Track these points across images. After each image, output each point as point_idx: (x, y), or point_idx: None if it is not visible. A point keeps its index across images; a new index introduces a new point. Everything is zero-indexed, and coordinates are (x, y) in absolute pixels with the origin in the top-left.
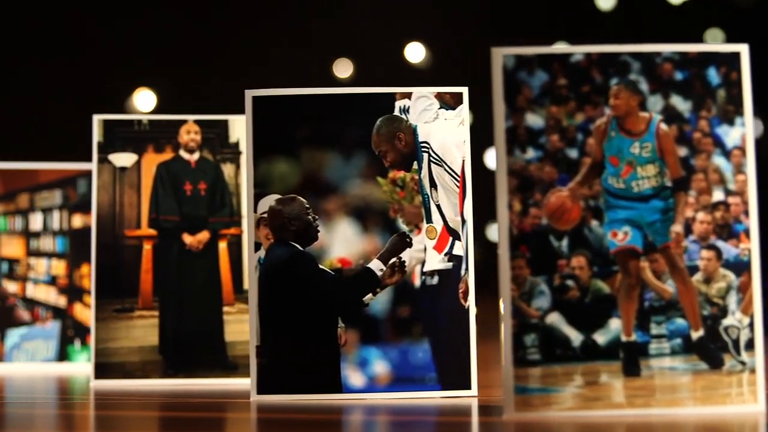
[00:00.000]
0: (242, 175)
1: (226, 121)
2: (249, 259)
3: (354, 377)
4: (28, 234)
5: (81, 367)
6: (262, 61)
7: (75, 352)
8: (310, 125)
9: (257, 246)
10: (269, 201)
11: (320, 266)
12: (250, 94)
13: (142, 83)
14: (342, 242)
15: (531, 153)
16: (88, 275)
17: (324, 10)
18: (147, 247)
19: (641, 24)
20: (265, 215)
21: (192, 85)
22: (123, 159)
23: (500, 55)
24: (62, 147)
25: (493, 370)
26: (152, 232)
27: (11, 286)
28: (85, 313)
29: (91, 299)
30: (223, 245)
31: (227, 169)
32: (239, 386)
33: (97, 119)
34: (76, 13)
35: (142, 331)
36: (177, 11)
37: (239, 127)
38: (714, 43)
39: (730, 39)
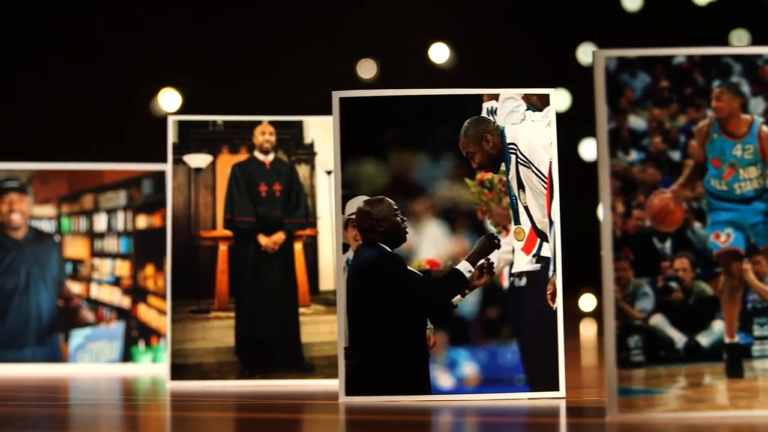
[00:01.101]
0: (317, 176)
1: (300, 122)
2: (337, 261)
3: (443, 378)
4: (92, 235)
5: (145, 368)
6: (286, 61)
7: (139, 353)
8: (398, 126)
9: (345, 247)
10: (357, 202)
11: (409, 267)
12: (337, 95)
13: (168, 83)
14: (430, 244)
15: (634, 155)
16: (152, 276)
17: (347, 10)
18: (222, 248)
19: (667, 24)
20: (353, 216)
21: (217, 85)
22: (198, 160)
23: (603, 57)
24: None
25: (576, 371)
26: (228, 233)
27: (76, 287)
28: (149, 314)
29: (167, 300)
30: (298, 246)
31: (302, 170)
32: (316, 387)
33: (172, 120)
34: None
35: (219, 332)
36: (201, 11)
37: (314, 128)
38: (739, 44)
39: (756, 40)
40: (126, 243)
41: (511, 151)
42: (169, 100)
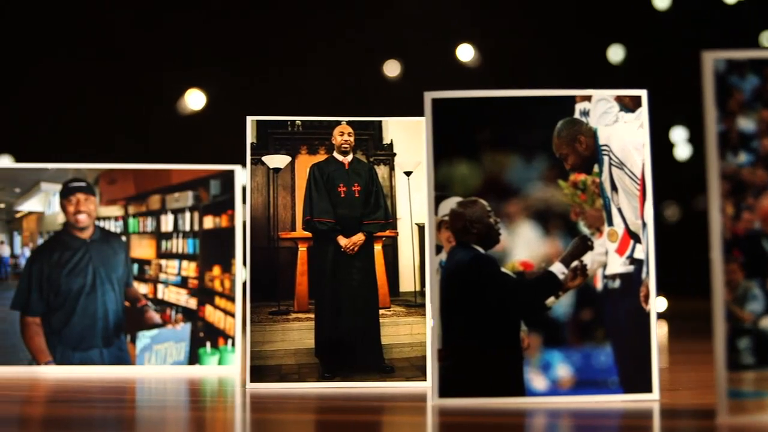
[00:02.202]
0: (396, 177)
1: (380, 122)
2: (430, 262)
3: (537, 380)
4: (159, 235)
5: (212, 369)
6: (310, 60)
7: (206, 354)
8: (491, 127)
9: (438, 249)
10: (451, 204)
11: (502, 269)
12: (429, 96)
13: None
14: (524, 245)
15: (743, 157)
16: (219, 277)
17: (373, 10)
18: (302, 249)
19: (696, 23)
20: (447, 218)
21: (242, 84)
22: (276, 160)
23: (711, 60)
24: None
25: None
26: (307, 234)
27: (142, 288)
28: (216, 315)
29: (246, 301)
30: (378, 247)
31: (381, 171)
32: (397, 389)
33: (250, 120)
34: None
35: (298, 333)
36: (228, 10)
37: (393, 129)
38: None
39: None
40: (193, 244)
41: (603, 152)
42: (194, 99)
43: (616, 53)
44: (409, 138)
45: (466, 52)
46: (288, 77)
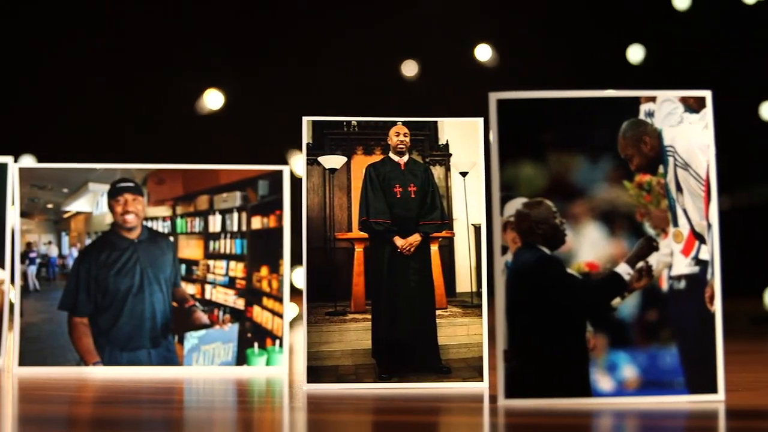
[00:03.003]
0: (452, 178)
1: (435, 123)
2: (495, 263)
3: (603, 381)
4: (207, 235)
5: (260, 370)
6: (327, 60)
7: (254, 355)
8: (556, 128)
9: (504, 249)
10: (516, 204)
11: (568, 270)
12: (494, 96)
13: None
14: (590, 246)
15: None
16: (267, 277)
17: (389, 8)
18: (358, 249)
19: (716, 24)
20: (512, 219)
21: (260, 84)
22: (332, 161)
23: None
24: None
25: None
26: (363, 234)
27: (190, 288)
28: (264, 316)
29: (303, 302)
30: (434, 248)
31: (437, 172)
32: (454, 390)
33: (306, 120)
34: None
35: (355, 334)
36: (247, 9)
37: (448, 129)
38: None
39: None
40: (240, 244)
41: (668, 153)
42: (213, 99)
43: (635, 53)
44: (464, 138)
45: (483, 52)
46: (302, 76)
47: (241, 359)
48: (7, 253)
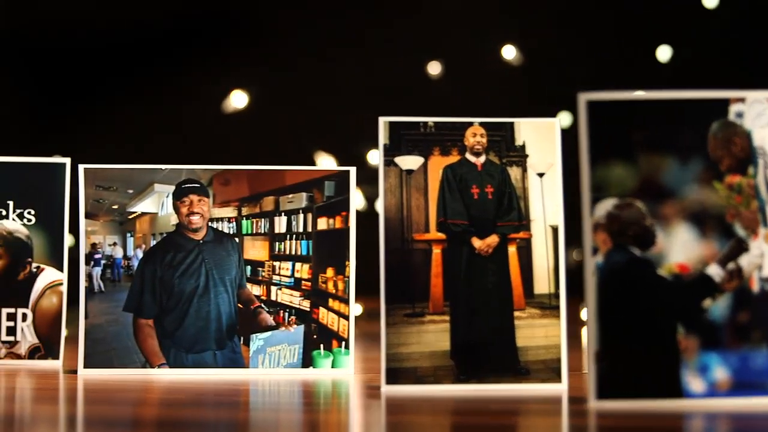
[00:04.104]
0: (529, 179)
1: (512, 124)
2: (586, 264)
3: (694, 383)
4: (272, 236)
5: (326, 372)
6: (350, 60)
7: (319, 356)
8: (646, 129)
9: (594, 251)
10: (606, 206)
11: (659, 271)
12: (584, 97)
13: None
14: (680, 247)
15: None
16: (332, 278)
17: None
18: (436, 250)
19: (745, 21)
20: (603, 220)
21: (282, 85)
22: (409, 162)
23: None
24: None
25: None
26: (441, 235)
27: (255, 290)
28: (330, 317)
29: (381, 303)
30: (512, 249)
31: (513, 173)
32: (533, 392)
33: (382, 121)
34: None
35: (434, 336)
36: (263, 9)
37: (525, 130)
38: None
39: None
40: (306, 245)
41: (758, 154)
42: (237, 99)
43: (663, 53)
44: (541, 139)
45: (508, 52)
46: (323, 75)
47: (307, 361)
48: (66, 254)
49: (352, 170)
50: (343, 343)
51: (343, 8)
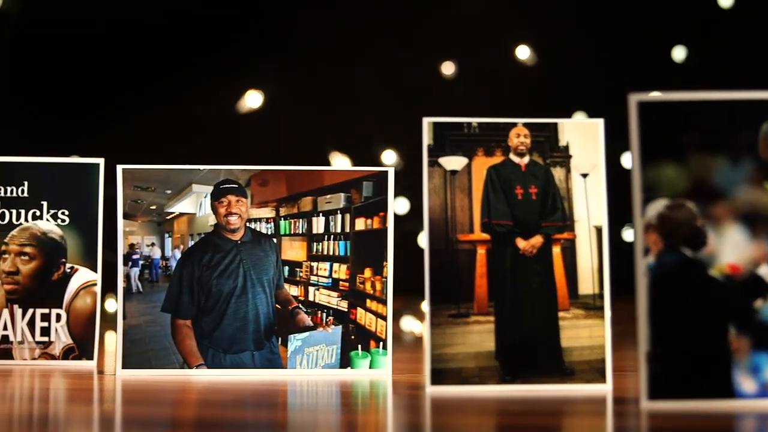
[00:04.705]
0: (572, 179)
1: (555, 125)
2: (638, 265)
3: (746, 383)
4: (310, 237)
5: (363, 372)
6: (364, 60)
7: (357, 357)
8: (698, 130)
9: (646, 252)
10: (657, 206)
11: (710, 272)
12: (634, 98)
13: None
14: (731, 248)
15: None
16: (370, 279)
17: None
18: (480, 251)
19: (761, 21)
20: (654, 221)
21: (295, 84)
22: (453, 162)
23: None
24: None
25: None
26: (485, 236)
27: (293, 290)
28: (367, 318)
29: (426, 304)
30: (556, 250)
31: (557, 173)
32: (578, 392)
33: (426, 122)
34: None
35: (479, 336)
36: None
37: (568, 131)
38: None
39: None
40: (344, 246)
41: None
42: (252, 99)
43: (679, 52)
44: (584, 140)
45: (522, 52)
46: (338, 75)
47: (345, 361)
48: (100, 255)
49: (390, 171)
50: (381, 343)
51: (359, 8)
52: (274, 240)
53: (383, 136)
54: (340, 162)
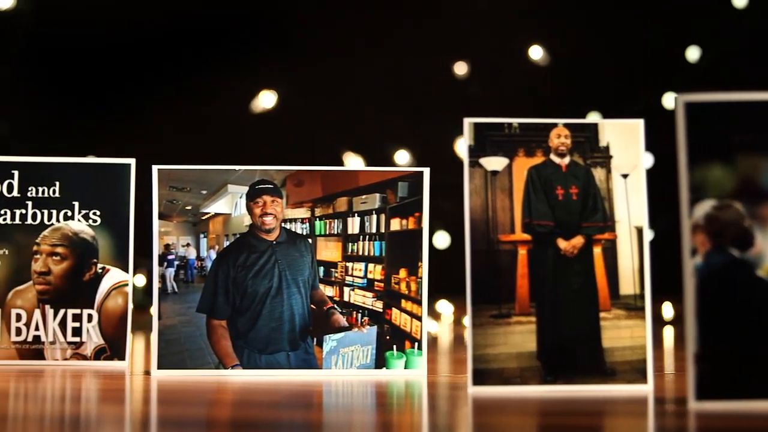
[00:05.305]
0: (613, 180)
1: (595, 125)
2: (685, 265)
3: None
4: (345, 237)
5: (399, 373)
6: (377, 60)
7: (392, 357)
8: (747, 130)
9: (693, 252)
10: (705, 207)
11: (757, 273)
12: (682, 99)
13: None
14: None
15: None
16: (405, 279)
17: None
18: (522, 251)
19: None
20: (701, 221)
21: (310, 84)
22: (494, 163)
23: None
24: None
25: None
26: (527, 236)
27: (328, 291)
28: (402, 318)
29: (467, 305)
30: (597, 250)
31: (598, 174)
32: (619, 393)
33: (467, 122)
34: None
35: (520, 337)
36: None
37: (609, 131)
38: None
39: None
40: (379, 246)
41: None
42: (266, 99)
43: (692, 52)
44: (625, 140)
45: (535, 52)
46: (351, 75)
47: (380, 362)
48: (132, 255)
49: (426, 171)
50: (416, 344)
51: (371, 8)
52: (310, 240)
53: (396, 135)
54: (353, 161)
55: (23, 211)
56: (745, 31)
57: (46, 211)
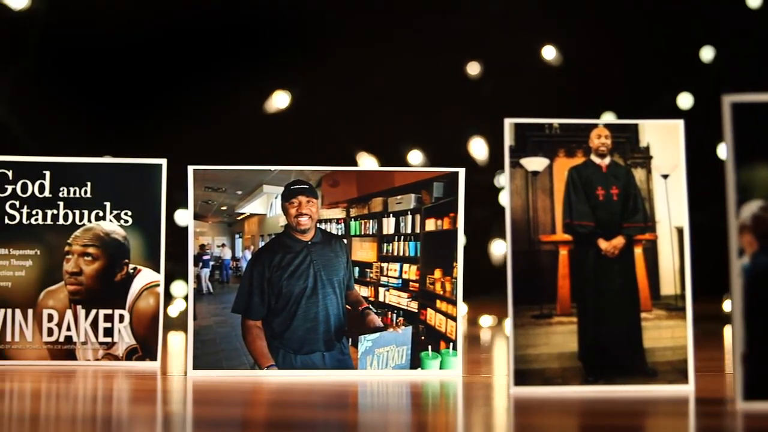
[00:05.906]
0: (653, 180)
1: (636, 126)
2: (732, 265)
3: None
4: (380, 238)
5: (434, 373)
6: (390, 61)
7: (428, 358)
8: None
9: (740, 252)
10: (752, 208)
11: None
12: (728, 99)
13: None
14: None
15: None
16: (440, 279)
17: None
18: (563, 252)
19: None
20: (749, 222)
21: (322, 87)
22: (535, 163)
23: None
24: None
25: None
26: (568, 237)
27: (363, 291)
28: (437, 319)
29: (508, 305)
30: (638, 251)
31: (638, 174)
32: (661, 393)
33: (507, 123)
34: None
35: (562, 337)
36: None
37: (649, 132)
38: None
39: None
40: (414, 246)
41: None
42: (279, 99)
43: (707, 53)
44: (665, 140)
45: (548, 52)
46: (365, 76)
47: (415, 362)
48: (163, 256)
49: (461, 171)
50: (451, 344)
51: (384, 9)
52: (345, 241)
53: (409, 136)
54: (367, 162)
55: (55, 212)
56: (759, 31)
57: (77, 212)
